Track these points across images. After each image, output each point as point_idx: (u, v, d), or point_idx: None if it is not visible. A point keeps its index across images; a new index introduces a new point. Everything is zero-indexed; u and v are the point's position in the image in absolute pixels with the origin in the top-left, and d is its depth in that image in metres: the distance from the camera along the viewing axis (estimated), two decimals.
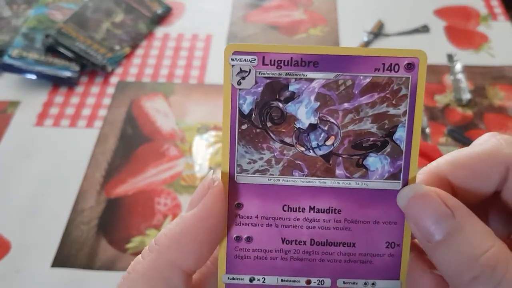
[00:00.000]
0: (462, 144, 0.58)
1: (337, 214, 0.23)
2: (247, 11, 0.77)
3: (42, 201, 0.53)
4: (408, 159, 0.22)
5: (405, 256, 0.23)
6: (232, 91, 0.22)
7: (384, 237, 0.23)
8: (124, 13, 0.73)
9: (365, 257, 0.23)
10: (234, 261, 0.23)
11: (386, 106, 0.22)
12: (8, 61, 0.64)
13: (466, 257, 0.19)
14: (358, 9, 0.77)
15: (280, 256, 0.23)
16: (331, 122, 0.22)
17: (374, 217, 0.23)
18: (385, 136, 0.22)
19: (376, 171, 0.22)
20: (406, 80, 0.22)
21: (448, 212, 0.20)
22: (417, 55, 0.21)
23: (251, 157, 0.22)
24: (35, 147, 0.59)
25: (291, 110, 0.22)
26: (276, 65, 0.22)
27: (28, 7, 0.73)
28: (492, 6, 0.77)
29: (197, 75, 0.67)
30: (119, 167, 0.57)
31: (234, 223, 0.23)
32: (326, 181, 0.22)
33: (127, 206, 0.53)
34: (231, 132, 0.22)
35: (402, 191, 0.22)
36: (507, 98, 0.63)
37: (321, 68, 0.21)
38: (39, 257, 0.49)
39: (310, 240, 0.23)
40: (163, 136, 0.60)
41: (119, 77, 0.67)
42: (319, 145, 0.22)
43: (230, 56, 0.22)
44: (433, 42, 0.71)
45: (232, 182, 0.22)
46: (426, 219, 0.20)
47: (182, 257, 0.21)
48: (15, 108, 0.63)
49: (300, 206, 0.23)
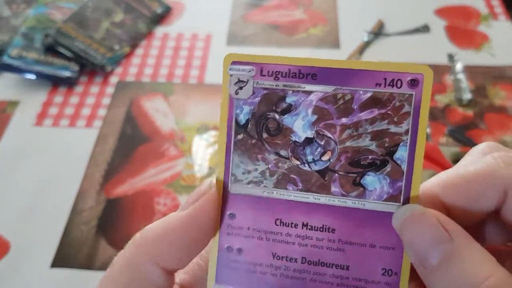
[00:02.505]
0: (463, 144, 0.58)
1: (331, 233, 0.22)
2: (247, 11, 0.77)
3: (42, 201, 0.53)
4: (409, 181, 0.21)
5: (403, 286, 0.21)
6: (229, 100, 0.22)
7: (381, 262, 0.21)
8: (124, 12, 0.73)
9: (359, 282, 0.22)
10: (224, 271, 0.22)
11: (387, 123, 0.21)
12: (8, 60, 0.64)
13: (463, 286, 0.18)
14: (358, 9, 0.77)
15: (270, 271, 0.22)
16: (328, 136, 0.21)
17: (370, 240, 0.21)
18: (385, 154, 0.21)
19: (374, 191, 0.21)
20: (409, 97, 0.20)
21: (446, 236, 0.19)
22: (421, 71, 0.20)
23: (246, 167, 0.22)
24: (34, 147, 0.59)
25: (287, 122, 0.21)
26: (273, 76, 0.21)
27: (28, 6, 0.73)
28: (492, 5, 0.77)
29: (197, 74, 0.67)
30: (118, 167, 0.56)
31: (226, 232, 0.22)
32: (320, 198, 0.22)
33: (127, 206, 0.53)
34: (227, 141, 0.22)
35: (398, 211, 0.21)
36: (507, 98, 0.63)
37: (319, 80, 0.21)
38: (38, 257, 0.49)
39: (301, 258, 0.22)
40: (162, 136, 0.60)
41: (118, 77, 0.67)
42: (315, 159, 0.21)
43: (229, 66, 0.21)
44: (434, 42, 0.71)
45: (226, 191, 0.22)
46: (422, 241, 0.19)
47: (163, 254, 0.20)
48: (14, 108, 0.63)
49: (292, 222, 0.22)
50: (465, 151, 0.65)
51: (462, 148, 0.57)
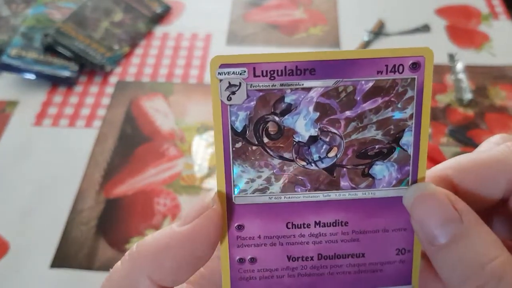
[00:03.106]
0: (464, 144, 0.57)
1: (344, 227, 0.22)
2: (247, 10, 0.77)
3: (41, 201, 0.53)
4: (416, 164, 0.21)
5: (416, 260, 0.22)
6: (222, 107, 0.20)
7: (394, 244, 0.22)
8: (123, 12, 0.73)
9: (375, 266, 0.22)
10: (239, 283, 0.22)
11: (391, 110, 0.20)
12: (7, 60, 0.64)
13: (471, 264, 0.18)
14: (359, 8, 0.77)
15: (286, 273, 0.22)
16: (333, 132, 0.21)
17: (382, 226, 0.22)
18: (391, 142, 0.21)
19: (383, 179, 0.21)
20: (411, 81, 0.20)
21: (456, 215, 0.19)
22: (422, 53, 0.20)
23: (249, 176, 0.21)
24: (33, 147, 0.58)
25: (288, 123, 0.20)
26: (268, 76, 0.20)
27: (27, 6, 0.73)
28: (493, 5, 0.77)
29: (197, 74, 0.67)
30: (118, 167, 0.56)
31: (236, 245, 0.21)
32: (330, 194, 0.21)
33: (127, 207, 0.53)
34: (224, 151, 0.20)
35: (409, 189, 0.21)
36: (508, 98, 0.63)
37: (318, 75, 0.20)
38: (38, 257, 0.49)
39: (317, 255, 0.22)
40: (162, 136, 0.59)
41: (118, 76, 0.67)
42: (321, 157, 0.21)
43: (217, 69, 0.19)
44: (434, 41, 0.71)
45: (230, 203, 0.21)
46: (432, 219, 0.19)
47: (159, 272, 0.19)
48: (13, 108, 0.63)
49: (304, 222, 0.21)
50: (466, 151, 0.65)
51: (462, 148, 0.57)
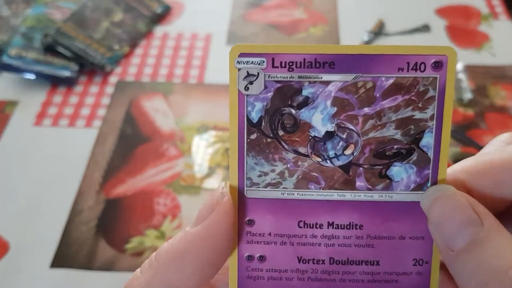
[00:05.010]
0: (464, 144, 0.57)
1: (358, 230, 0.21)
2: (247, 10, 0.77)
3: (41, 201, 0.53)
4: (436, 168, 0.20)
5: (435, 273, 0.21)
6: (239, 97, 0.20)
7: (411, 253, 0.21)
8: (123, 12, 0.73)
9: (390, 276, 0.21)
10: (246, 281, 0.21)
11: (412, 109, 0.20)
12: (7, 60, 0.64)
13: (492, 269, 0.17)
14: (359, 8, 0.77)
15: (296, 276, 0.21)
16: (350, 129, 0.20)
17: (399, 232, 0.21)
18: (410, 143, 0.20)
19: (401, 182, 0.20)
20: (433, 80, 0.19)
21: (477, 218, 0.18)
22: (445, 52, 0.19)
23: (262, 169, 0.20)
24: (33, 147, 0.58)
25: (305, 117, 0.20)
26: (287, 67, 0.19)
27: (27, 6, 0.73)
28: (493, 5, 0.77)
29: (197, 74, 0.67)
30: (118, 167, 0.56)
31: (245, 241, 0.21)
32: (345, 194, 0.20)
33: (126, 207, 0.53)
34: (239, 142, 0.20)
35: (427, 191, 0.20)
36: (508, 98, 0.63)
37: (338, 69, 0.19)
38: (37, 257, 0.49)
39: (329, 259, 0.21)
40: (162, 136, 0.59)
41: (118, 76, 0.67)
42: (337, 154, 0.20)
43: (236, 58, 0.19)
44: (434, 41, 0.71)
45: (242, 197, 0.21)
46: (451, 223, 0.19)
47: (182, 279, 0.19)
48: (13, 107, 0.63)
49: (317, 222, 0.21)
50: (466, 151, 0.65)
51: (462, 148, 0.57)
